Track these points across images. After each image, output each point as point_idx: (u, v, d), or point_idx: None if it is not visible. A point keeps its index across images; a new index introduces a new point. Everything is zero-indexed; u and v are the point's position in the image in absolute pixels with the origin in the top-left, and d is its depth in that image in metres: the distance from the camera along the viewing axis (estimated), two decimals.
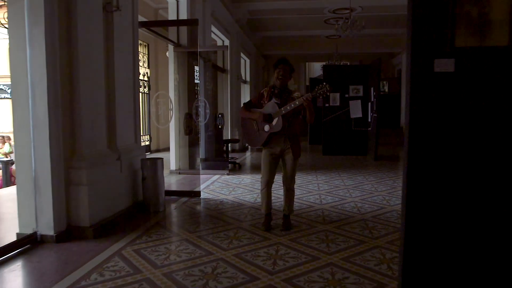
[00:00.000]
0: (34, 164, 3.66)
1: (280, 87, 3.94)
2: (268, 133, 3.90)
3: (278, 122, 3.83)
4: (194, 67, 8.23)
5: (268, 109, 3.90)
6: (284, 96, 3.91)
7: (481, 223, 1.77)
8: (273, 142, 3.95)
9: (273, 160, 4.02)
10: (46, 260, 3.33)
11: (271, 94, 3.96)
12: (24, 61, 3.59)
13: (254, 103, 4.08)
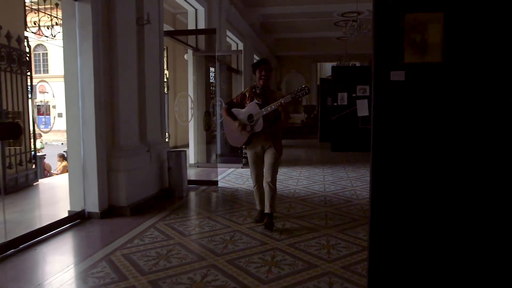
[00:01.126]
0: (83, 153, 4.44)
1: (262, 87, 4.00)
2: (249, 133, 3.99)
3: (259, 122, 3.90)
4: (210, 69, 8.97)
5: (249, 109, 3.98)
6: (266, 96, 3.97)
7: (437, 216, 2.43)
8: (254, 141, 4.05)
9: (257, 157, 4.12)
10: (95, 230, 4.09)
11: (253, 95, 4.03)
12: (76, 69, 4.36)
13: (236, 103, 4.16)
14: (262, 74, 3.95)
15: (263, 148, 4.05)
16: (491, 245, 2.31)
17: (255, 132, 3.97)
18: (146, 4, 5.24)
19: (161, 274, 2.94)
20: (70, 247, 3.72)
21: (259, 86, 4.02)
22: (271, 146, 4.01)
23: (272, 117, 3.93)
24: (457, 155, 2.34)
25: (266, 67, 3.97)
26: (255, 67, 4.02)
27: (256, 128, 3.93)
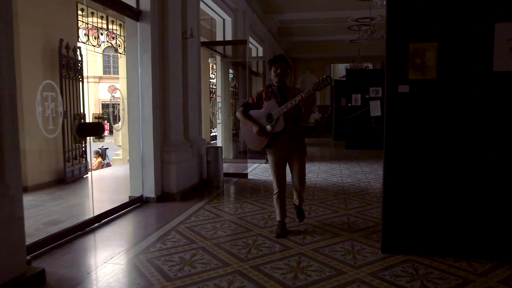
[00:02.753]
0: (142, 147, 5.33)
1: (278, 84, 3.78)
2: (269, 134, 3.71)
3: (280, 122, 3.65)
4: (233, 73, 9.83)
5: (268, 109, 3.73)
6: (284, 93, 3.73)
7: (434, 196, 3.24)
8: (276, 144, 3.77)
9: (280, 162, 3.86)
10: (155, 211, 4.98)
11: (270, 94, 3.79)
12: (137, 77, 5.25)
13: (252, 104, 3.91)
14: (278, 72, 3.72)
15: (286, 151, 3.79)
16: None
17: (276, 134, 3.69)
18: (189, 21, 6.13)
19: (220, 239, 3.80)
20: (141, 222, 4.60)
21: (275, 84, 3.80)
22: (295, 148, 3.78)
23: (293, 115, 3.68)
24: (450, 148, 3.18)
25: (281, 64, 3.74)
26: (270, 64, 3.78)
27: (276, 128, 3.67)
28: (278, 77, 3.75)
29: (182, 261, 3.25)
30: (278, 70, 3.74)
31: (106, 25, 7.57)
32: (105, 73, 28.24)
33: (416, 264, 3.12)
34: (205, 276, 2.97)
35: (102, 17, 7.31)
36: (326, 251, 3.45)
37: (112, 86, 25.00)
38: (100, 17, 7.24)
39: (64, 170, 6.79)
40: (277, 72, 3.74)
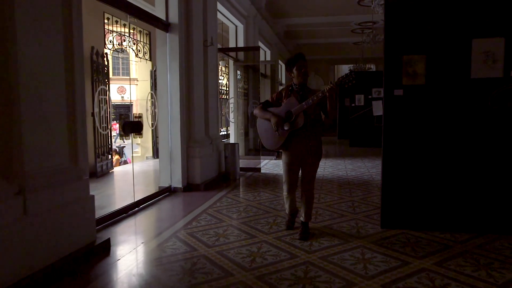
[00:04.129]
0: (170, 143, 6.05)
1: (299, 84, 3.64)
2: (287, 131, 3.59)
3: (299, 119, 3.53)
4: (241, 74, 10.53)
5: (287, 106, 3.60)
6: (305, 94, 3.61)
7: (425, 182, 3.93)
8: (293, 143, 3.65)
9: (296, 163, 3.75)
10: (183, 199, 5.70)
11: (290, 93, 3.67)
12: (166, 82, 5.97)
13: (272, 103, 3.79)
14: (302, 71, 3.59)
15: (302, 152, 3.66)
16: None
17: (294, 132, 3.58)
18: (209, 30, 6.85)
19: (245, 219, 4.51)
20: (174, 207, 5.31)
21: (296, 84, 3.65)
22: (312, 151, 3.65)
23: (312, 115, 3.57)
24: (437, 140, 3.88)
25: (305, 63, 3.61)
26: (292, 63, 3.62)
27: (296, 125, 3.55)
28: (302, 76, 3.60)
29: (217, 234, 3.97)
30: (303, 70, 3.59)
31: (128, 32, 8.36)
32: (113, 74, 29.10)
33: (408, 235, 3.82)
34: (237, 244, 3.69)
35: (125, 25, 8.09)
36: (334, 227, 4.16)
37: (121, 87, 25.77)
38: (123, 25, 8.01)
39: (95, 165, 7.53)
40: (301, 71, 3.59)
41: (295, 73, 3.64)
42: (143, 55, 7.68)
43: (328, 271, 3.03)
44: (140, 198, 5.29)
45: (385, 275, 2.95)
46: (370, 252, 3.42)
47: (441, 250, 3.44)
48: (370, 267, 3.10)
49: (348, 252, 3.42)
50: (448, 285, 2.77)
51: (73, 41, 3.38)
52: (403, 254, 3.36)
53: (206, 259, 3.30)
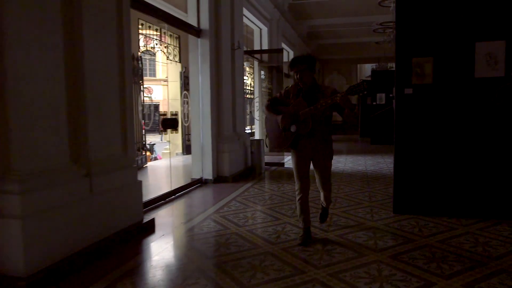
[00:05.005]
0: (202, 139, 6.63)
1: (303, 86, 3.50)
2: (294, 134, 3.47)
3: (306, 123, 3.41)
4: (265, 74, 11.04)
5: (295, 107, 3.48)
6: (313, 92, 3.47)
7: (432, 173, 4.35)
8: (301, 145, 3.53)
9: (304, 164, 3.59)
10: (214, 189, 6.26)
11: (298, 92, 3.53)
12: (197, 83, 6.55)
13: (280, 100, 3.66)
14: (298, 76, 3.46)
15: (311, 153, 3.55)
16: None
17: (302, 135, 3.48)
18: (236, 35, 7.40)
19: (270, 206, 5.03)
20: (206, 195, 5.88)
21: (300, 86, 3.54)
22: (322, 150, 3.54)
23: (322, 117, 3.45)
24: (443, 134, 4.30)
25: (299, 68, 3.44)
26: (290, 68, 3.56)
27: (302, 129, 3.43)
28: (302, 82, 3.47)
29: (246, 217, 4.50)
30: (297, 75, 3.45)
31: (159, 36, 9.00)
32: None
33: (417, 220, 4.25)
34: (264, 224, 4.22)
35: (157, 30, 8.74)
36: (351, 212, 4.63)
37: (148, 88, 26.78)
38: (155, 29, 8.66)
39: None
40: (297, 77, 3.47)
41: (294, 76, 3.51)
42: (173, 57, 8.34)
43: (343, 246, 3.52)
44: (175, 187, 5.88)
45: (393, 249, 3.41)
46: (381, 232, 3.88)
47: (445, 231, 3.87)
48: (380, 243, 3.56)
49: (361, 232, 3.89)
50: (447, 257, 3.21)
51: (124, 49, 3.97)
52: (410, 234, 3.81)
53: (237, 236, 3.84)
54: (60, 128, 3.14)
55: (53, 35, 3.07)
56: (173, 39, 9.70)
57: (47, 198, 2.93)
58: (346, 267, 3.05)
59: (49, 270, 2.85)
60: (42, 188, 2.89)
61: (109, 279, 2.90)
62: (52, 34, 3.06)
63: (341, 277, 2.85)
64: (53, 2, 3.06)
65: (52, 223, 2.96)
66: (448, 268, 2.99)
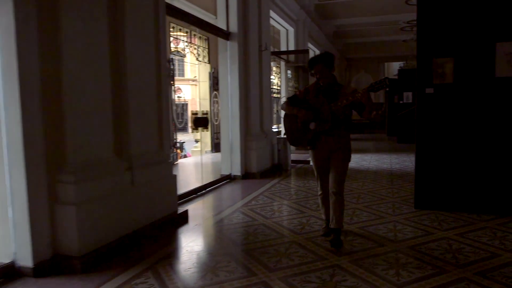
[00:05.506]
0: (231, 137, 6.95)
1: (323, 84, 3.47)
2: (313, 131, 3.48)
3: (326, 121, 3.40)
4: (291, 73, 11.27)
5: (315, 104, 3.48)
6: (333, 91, 3.44)
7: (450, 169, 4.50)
8: (319, 143, 3.52)
9: (323, 163, 3.60)
10: (242, 185, 6.57)
11: (317, 90, 3.51)
12: (227, 83, 6.88)
13: (299, 98, 3.64)
14: (317, 77, 3.46)
15: (330, 151, 3.51)
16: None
17: (320, 133, 3.47)
18: (263, 36, 7.68)
19: (296, 200, 5.29)
20: (235, 190, 6.19)
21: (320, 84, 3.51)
22: (339, 150, 3.48)
23: (341, 115, 3.43)
24: (463, 132, 4.44)
25: (317, 68, 3.43)
26: (310, 67, 3.52)
27: (320, 127, 3.45)
28: (322, 81, 3.45)
29: (272, 210, 4.78)
30: (317, 75, 3.45)
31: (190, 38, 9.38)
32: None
33: (438, 215, 4.41)
34: (289, 217, 4.49)
35: (187, 32, 9.10)
36: (373, 207, 4.83)
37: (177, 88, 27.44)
38: (185, 32, 9.03)
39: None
40: (316, 77, 3.48)
41: (315, 75, 3.50)
42: (202, 59, 8.68)
43: (363, 237, 3.74)
44: (206, 182, 6.22)
45: (412, 240, 3.61)
46: (401, 225, 4.08)
47: (465, 226, 4.02)
48: (399, 235, 3.77)
49: (382, 225, 4.10)
50: (463, 249, 3.39)
51: (160, 53, 4.32)
52: (430, 227, 3.99)
53: (264, 226, 4.13)
54: (106, 125, 3.51)
55: (101, 41, 3.43)
56: (202, 40, 10.06)
57: (96, 188, 3.29)
58: (365, 255, 3.28)
59: (99, 251, 3.22)
60: (92, 178, 3.26)
61: (150, 261, 3.24)
62: (100, 39, 3.42)
63: (360, 264, 3.09)
64: (100, 10, 3.42)
65: (100, 210, 3.33)
66: (463, 259, 3.17)
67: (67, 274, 2.99)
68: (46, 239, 3.04)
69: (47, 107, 3.03)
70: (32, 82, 2.90)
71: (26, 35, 2.84)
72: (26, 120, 2.87)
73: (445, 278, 2.81)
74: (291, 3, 10.24)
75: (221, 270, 3.02)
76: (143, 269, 3.06)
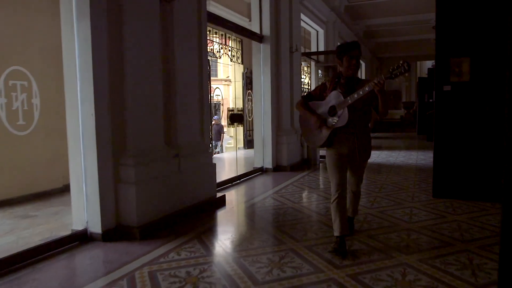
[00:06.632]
0: (263, 132, 7.51)
1: (346, 76, 3.17)
2: (330, 129, 3.19)
3: (343, 115, 3.10)
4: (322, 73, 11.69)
5: (331, 100, 3.20)
6: (352, 86, 3.14)
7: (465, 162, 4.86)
8: (337, 142, 3.23)
9: (341, 161, 3.26)
10: (273, 176, 7.10)
11: (335, 85, 3.23)
12: (260, 83, 7.43)
13: (314, 96, 3.40)
14: (353, 63, 3.11)
15: (348, 150, 3.23)
16: None
17: (338, 129, 3.18)
18: (294, 38, 8.19)
19: (323, 190, 5.78)
20: (266, 180, 6.73)
21: (343, 75, 3.19)
22: (359, 148, 3.20)
23: (360, 111, 3.16)
24: (478, 127, 4.79)
25: (357, 54, 3.12)
26: (343, 52, 3.13)
27: (339, 122, 3.13)
28: (353, 69, 3.14)
29: (301, 197, 5.30)
30: (354, 61, 3.11)
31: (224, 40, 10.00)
32: None
33: (453, 202, 4.79)
34: (316, 202, 4.99)
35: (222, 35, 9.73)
36: (394, 195, 5.25)
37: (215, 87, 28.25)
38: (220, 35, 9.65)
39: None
40: (351, 63, 3.11)
41: (344, 64, 3.13)
42: (236, 60, 9.29)
43: (381, 218, 4.20)
44: (240, 173, 6.80)
45: (425, 222, 4.04)
46: (417, 210, 4.50)
47: (477, 212, 4.40)
48: (414, 218, 4.20)
49: (399, 210, 4.53)
50: (471, 229, 3.79)
51: (202, 57, 4.92)
52: (444, 212, 4.39)
53: (293, 209, 4.65)
54: (158, 119, 4.14)
55: (154, 48, 4.06)
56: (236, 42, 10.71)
57: (151, 171, 3.92)
58: (381, 232, 3.75)
59: (153, 223, 3.85)
60: (147, 163, 3.88)
61: (195, 232, 3.83)
62: (153, 47, 4.05)
63: (375, 238, 3.56)
64: (154, 21, 4.05)
65: (154, 190, 3.95)
66: (468, 236, 3.58)
67: (128, 240, 3.62)
68: (111, 211, 3.69)
69: (112, 103, 3.67)
70: (102, 82, 3.55)
71: (98, 44, 3.48)
72: (98, 114, 3.52)
73: (449, 249, 3.25)
74: (321, 5, 10.68)
75: (255, 240, 3.57)
76: (189, 238, 3.66)
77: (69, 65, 3.56)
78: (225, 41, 9.99)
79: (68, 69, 3.57)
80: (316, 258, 3.11)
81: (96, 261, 3.18)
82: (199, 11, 4.79)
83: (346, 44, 3.18)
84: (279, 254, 3.21)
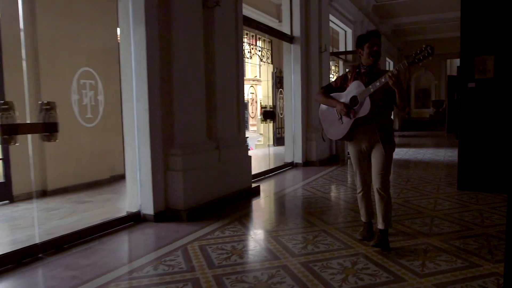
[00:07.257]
0: (293, 129, 7.87)
1: (368, 65, 3.13)
2: (352, 119, 3.11)
3: (365, 104, 3.03)
4: None
5: (352, 90, 3.14)
6: (373, 75, 3.07)
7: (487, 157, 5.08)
8: (358, 135, 3.20)
9: (363, 155, 3.28)
10: (303, 171, 7.46)
11: (356, 75, 3.17)
12: (290, 82, 7.80)
13: (335, 87, 3.31)
14: (374, 49, 3.08)
15: (370, 143, 3.19)
16: None
17: (359, 121, 3.11)
18: (323, 39, 8.51)
19: (351, 182, 6.10)
20: (296, 175, 7.09)
21: (365, 64, 3.15)
22: (380, 140, 3.10)
23: (381, 101, 3.08)
24: (502, 122, 5.01)
25: (378, 41, 3.10)
26: (364, 40, 3.12)
27: (361, 112, 3.06)
28: (374, 57, 3.09)
29: (330, 188, 5.65)
30: (375, 48, 3.08)
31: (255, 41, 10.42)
32: None
33: (477, 194, 5.03)
34: (344, 193, 5.32)
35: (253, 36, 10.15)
36: (420, 187, 5.52)
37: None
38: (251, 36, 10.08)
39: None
40: (373, 50, 3.07)
41: (365, 51, 3.10)
42: (266, 59, 9.70)
43: (406, 207, 4.50)
44: (272, 167, 7.20)
45: (448, 210, 4.32)
46: (442, 200, 4.77)
47: (499, 202, 4.63)
48: (438, 207, 4.48)
49: (425, 200, 4.81)
50: (492, 216, 4.04)
51: (239, 58, 5.33)
52: (467, 202, 4.65)
53: (323, 198, 5.01)
54: (201, 115, 4.58)
55: (198, 50, 4.50)
56: (266, 43, 11.19)
57: (195, 161, 4.37)
58: (406, 218, 4.06)
59: (197, 207, 4.29)
60: (192, 153, 4.33)
61: (235, 216, 4.25)
62: (197, 49, 4.49)
63: (400, 223, 3.88)
64: (198, 26, 4.49)
65: (198, 178, 4.40)
66: (489, 222, 3.85)
67: (176, 221, 4.07)
68: (162, 195, 4.16)
69: (163, 101, 4.13)
70: (155, 81, 4.02)
71: (151, 47, 3.95)
72: (151, 110, 3.99)
73: (469, 233, 3.54)
74: (349, 5, 10.93)
75: (289, 222, 3.96)
76: (230, 220, 4.08)
77: (126, 66, 4.05)
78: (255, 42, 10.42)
79: (125, 69, 4.06)
80: (345, 238, 3.47)
81: (151, 237, 3.65)
82: (236, 15, 5.22)
83: (366, 32, 3.20)
84: (312, 233, 3.59)
